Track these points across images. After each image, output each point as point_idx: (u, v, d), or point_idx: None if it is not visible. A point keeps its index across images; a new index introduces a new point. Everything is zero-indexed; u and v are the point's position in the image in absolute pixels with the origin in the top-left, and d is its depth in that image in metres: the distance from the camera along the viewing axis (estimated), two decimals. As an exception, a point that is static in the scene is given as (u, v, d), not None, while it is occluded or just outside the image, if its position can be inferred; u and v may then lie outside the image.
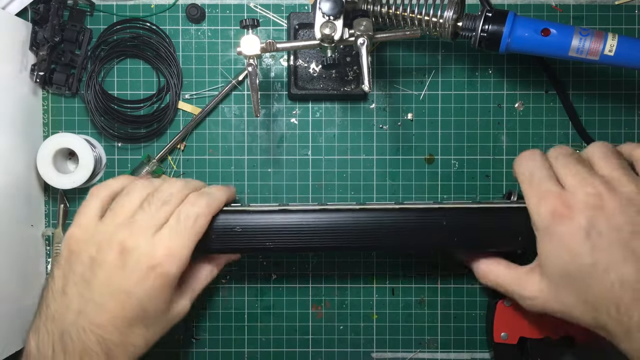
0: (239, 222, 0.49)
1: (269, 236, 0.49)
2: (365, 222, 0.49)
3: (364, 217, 0.49)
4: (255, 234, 0.49)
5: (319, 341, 0.59)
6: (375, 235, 0.49)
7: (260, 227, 0.49)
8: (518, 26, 0.49)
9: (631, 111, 0.59)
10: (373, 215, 0.49)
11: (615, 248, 0.42)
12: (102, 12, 0.58)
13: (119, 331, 0.45)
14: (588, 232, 0.42)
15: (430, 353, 0.59)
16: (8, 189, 0.53)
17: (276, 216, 0.50)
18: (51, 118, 0.58)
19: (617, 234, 0.42)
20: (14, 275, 0.53)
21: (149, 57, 0.58)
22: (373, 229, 0.49)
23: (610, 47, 0.48)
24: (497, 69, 0.59)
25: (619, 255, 0.42)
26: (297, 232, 0.49)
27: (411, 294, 0.59)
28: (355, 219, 0.49)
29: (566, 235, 0.43)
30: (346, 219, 0.49)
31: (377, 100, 0.59)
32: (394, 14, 0.52)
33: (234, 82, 0.58)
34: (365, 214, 0.49)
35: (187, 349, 0.59)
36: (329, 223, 0.49)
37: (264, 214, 0.50)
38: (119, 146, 0.59)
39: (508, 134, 0.59)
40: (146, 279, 0.45)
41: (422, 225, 0.49)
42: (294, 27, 0.57)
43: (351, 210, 0.50)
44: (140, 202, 0.48)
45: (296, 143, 0.59)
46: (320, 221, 0.49)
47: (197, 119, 0.58)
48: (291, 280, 0.59)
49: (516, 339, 0.54)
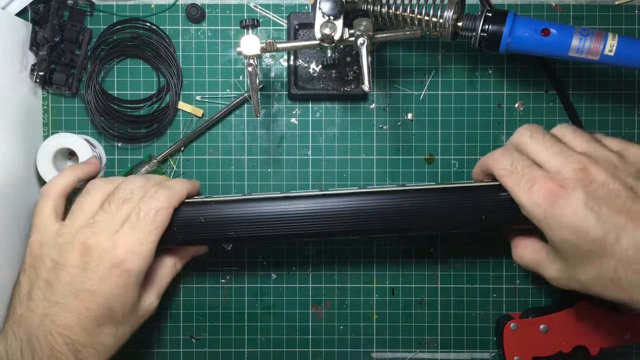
0: (202, 213, 0.50)
1: (233, 226, 0.49)
2: (328, 208, 0.49)
3: (327, 203, 0.49)
4: (219, 224, 0.49)
5: (319, 341, 0.59)
6: (338, 220, 0.49)
7: (223, 218, 0.49)
8: (518, 26, 0.49)
9: (631, 111, 0.59)
10: (335, 200, 0.49)
11: (618, 215, 0.41)
12: (102, 12, 0.58)
13: (86, 331, 0.45)
14: (589, 206, 0.41)
15: (430, 353, 0.59)
16: (8, 189, 0.53)
17: (240, 205, 0.50)
18: (51, 118, 0.58)
19: (617, 200, 0.41)
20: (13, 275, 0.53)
21: (149, 57, 0.58)
22: (335, 214, 0.49)
23: (610, 47, 0.48)
24: (497, 69, 0.59)
25: (624, 220, 0.41)
26: (260, 220, 0.49)
27: (411, 294, 0.59)
28: (317, 205, 0.49)
29: (568, 216, 0.42)
30: (308, 206, 0.49)
31: (377, 100, 0.59)
32: (394, 14, 0.52)
33: (246, 95, 0.57)
34: (327, 199, 0.49)
35: (187, 349, 0.59)
36: (292, 211, 0.49)
37: (227, 204, 0.50)
38: (119, 146, 0.59)
39: (508, 134, 0.59)
40: (110, 276, 0.45)
41: (384, 208, 0.49)
42: (294, 27, 0.57)
43: (313, 197, 0.50)
44: (101, 202, 0.48)
45: (296, 143, 0.59)
46: (283, 209, 0.49)
47: (206, 125, 0.58)
48: (291, 280, 0.59)
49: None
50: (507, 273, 0.59)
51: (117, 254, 0.46)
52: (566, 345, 0.54)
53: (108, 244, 0.46)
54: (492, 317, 0.59)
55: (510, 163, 0.46)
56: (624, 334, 0.54)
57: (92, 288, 0.45)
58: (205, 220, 0.49)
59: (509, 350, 0.55)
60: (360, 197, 0.50)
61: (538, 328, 0.54)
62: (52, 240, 0.47)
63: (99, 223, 0.47)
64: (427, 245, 0.59)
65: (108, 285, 0.45)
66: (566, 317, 0.54)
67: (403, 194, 0.49)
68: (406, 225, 0.49)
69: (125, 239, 0.46)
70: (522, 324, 0.55)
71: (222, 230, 0.49)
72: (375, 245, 0.59)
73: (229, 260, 0.59)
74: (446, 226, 0.50)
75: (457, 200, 0.49)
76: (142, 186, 0.49)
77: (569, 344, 0.54)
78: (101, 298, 0.45)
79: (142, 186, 0.49)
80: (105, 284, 0.45)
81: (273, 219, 0.49)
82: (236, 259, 0.59)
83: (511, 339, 0.55)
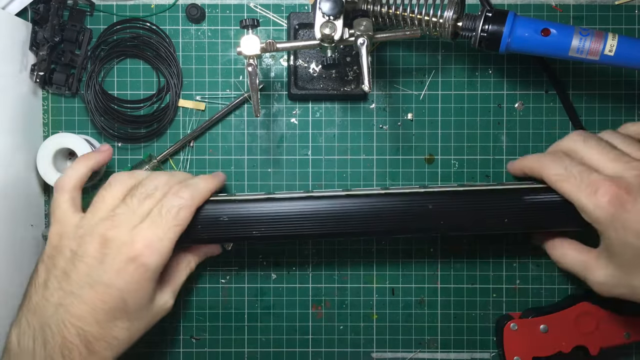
0: (225, 212, 0.50)
1: (255, 224, 0.49)
2: (351, 208, 0.49)
3: (350, 203, 0.49)
4: (242, 222, 0.49)
5: (319, 341, 0.59)
6: (361, 220, 0.49)
7: (246, 216, 0.49)
8: (518, 26, 0.49)
9: (631, 111, 0.59)
10: (359, 201, 0.49)
11: None
12: (102, 12, 0.58)
13: (99, 324, 0.45)
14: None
15: (430, 353, 0.59)
16: (8, 189, 0.53)
17: (262, 204, 0.50)
18: (51, 118, 0.58)
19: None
20: (14, 275, 0.53)
21: (149, 57, 0.58)
22: (359, 214, 0.49)
23: (610, 47, 0.48)
24: (497, 69, 0.59)
25: None
26: (283, 219, 0.49)
27: (411, 294, 0.59)
28: (341, 205, 0.49)
29: (634, 221, 0.43)
30: (332, 206, 0.49)
31: (377, 100, 0.59)
32: (394, 14, 0.52)
33: (246, 95, 0.58)
34: (351, 200, 0.49)
35: (187, 349, 0.59)
36: (315, 210, 0.49)
37: (250, 202, 0.50)
38: (119, 146, 0.59)
39: (508, 134, 0.59)
40: (126, 270, 0.45)
41: (407, 210, 0.49)
42: (294, 27, 0.57)
43: (337, 197, 0.50)
44: (123, 196, 0.48)
45: (296, 143, 0.59)
46: (306, 208, 0.49)
47: (206, 125, 0.58)
48: (291, 280, 0.59)
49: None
50: (507, 273, 0.59)
51: (135, 248, 0.46)
52: (566, 345, 0.54)
53: (127, 238, 0.46)
54: (492, 317, 0.59)
55: (564, 168, 0.47)
56: (624, 334, 0.54)
57: (108, 281, 0.45)
58: (227, 219, 0.49)
59: (509, 350, 0.55)
60: (383, 198, 0.50)
61: (538, 328, 0.54)
62: (71, 232, 0.47)
63: (119, 216, 0.47)
64: (427, 245, 0.59)
65: (123, 279, 0.45)
66: (566, 317, 0.54)
67: (426, 195, 0.49)
68: (429, 226, 0.50)
69: (145, 234, 0.46)
70: (522, 324, 0.55)
71: (245, 229, 0.49)
72: (375, 245, 0.59)
73: (229, 260, 0.59)
74: (469, 229, 0.50)
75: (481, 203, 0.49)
76: (166, 183, 0.49)
77: (569, 344, 0.54)
78: (116, 291, 0.45)
79: (166, 183, 0.49)
80: (121, 278, 0.45)
81: (296, 219, 0.49)
82: (236, 259, 0.59)
83: (511, 339, 0.55)
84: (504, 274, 0.59)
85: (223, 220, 0.49)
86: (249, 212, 0.50)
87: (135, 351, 0.59)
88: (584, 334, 0.54)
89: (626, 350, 0.59)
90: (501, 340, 0.55)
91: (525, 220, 0.49)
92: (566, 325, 0.54)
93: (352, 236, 0.54)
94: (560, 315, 0.55)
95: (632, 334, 0.54)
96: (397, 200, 0.49)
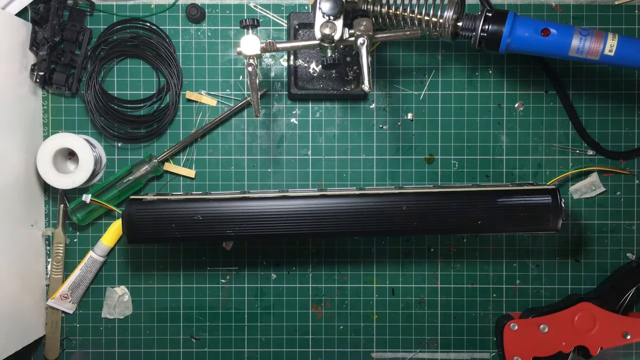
0: (199, 211, 0.50)
1: (230, 224, 0.49)
2: (326, 209, 0.49)
3: (325, 204, 0.50)
4: (216, 221, 0.50)
5: (319, 341, 0.59)
6: (336, 221, 0.49)
7: (220, 215, 0.50)
8: (518, 26, 0.49)
9: (631, 111, 0.59)
10: (334, 201, 0.50)
11: None
12: (102, 12, 0.58)
13: None
14: None
15: (430, 353, 0.59)
16: (8, 189, 0.53)
17: (237, 204, 0.50)
18: (51, 118, 0.58)
19: None
20: (14, 275, 0.53)
21: (149, 57, 0.58)
22: (334, 215, 0.49)
23: (610, 47, 0.48)
24: (497, 69, 0.59)
25: None
26: (258, 219, 0.49)
27: (411, 294, 0.59)
28: (316, 205, 0.50)
29: None
30: (306, 206, 0.50)
31: (377, 100, 0.59)
32: (394, 14, 0.52)
33: (248, 99, 0.57)
34: (325, 200, 0.50)
35: (187, 349, 0.59)
36: (290, 210, 0.50)
37: (224, 201, 0.50)
38: (119, 146, 0.59)
39: (508, 134, 0.59)
40: None
41: (381, 211, 0.49)
42: (294, 27, 0.57)
43: (311, 197, 0.50)
44: None
45: (296, 143, 0.59)
46: (281, 208, 0.50)
47: (207, 127, 0.58)
48: (291, 280, 0.59)
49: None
50: (507, 273, 0.59)
51: None
52: (566, 345, 0.54)
53: None
54: (492, 317, 0.59)
55: None
56: (624, 334, 0.54)
57: None
58: (202, 218, 0.49)
59: (509, 350, 0.55)
60: (357, 198, 0.50)
61: (538, 328, 0.54)
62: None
63: None
64: (427, 245, 0.59)
65: None
66: (566, 317, 0.55)
67: (401, 196, 0.50)
68: (403, 227, 0.50)
69: None
70: (522, 324, 0.55)
71: (220, 228, 0.50)
72: (375, 245, 0.59)
73: (229, 260, 0.59)
74: (443, 230, 0.50)
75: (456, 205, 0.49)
76: None
77: (569, 344, 0.54)
78: None
79: None
80: None
81: (270, 218, 0.49)
82: (236, 259, 0.59)
83: (511, 339, 0.55)
84: (504, 274, 0.59)
85: (197, 219, 0.49)
86: (223, 211, 0.50)
87: (136, 351, 0.59)
88: (584, 334, 0.54)
89: (626, 350, 0.59)
90: (501, 340, 0.55)
91: (498, 222, 0.50)
92: (566, 325, 0.54)
93: (326, 236, 0.54)
94: (560, 315, 0.55)
95: (632, 334, 0.54)
96: (371, 201, 0.50)
